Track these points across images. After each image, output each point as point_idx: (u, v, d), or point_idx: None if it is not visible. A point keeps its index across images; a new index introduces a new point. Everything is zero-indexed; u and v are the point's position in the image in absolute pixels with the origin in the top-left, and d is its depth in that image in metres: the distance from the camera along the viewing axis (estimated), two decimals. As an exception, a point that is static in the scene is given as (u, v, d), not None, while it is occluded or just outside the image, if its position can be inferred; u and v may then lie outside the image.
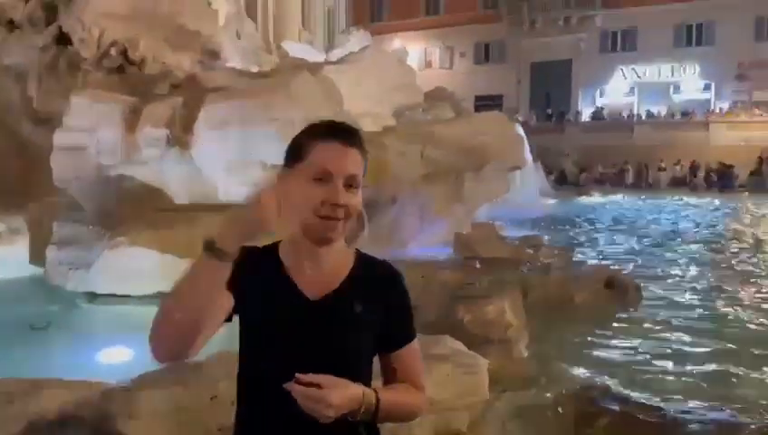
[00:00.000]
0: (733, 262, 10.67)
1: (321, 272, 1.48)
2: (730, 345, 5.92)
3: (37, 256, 7.87)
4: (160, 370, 3.72)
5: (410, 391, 1.54)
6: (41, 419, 3.42)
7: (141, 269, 7.43)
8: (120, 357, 5.59)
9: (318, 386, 1.29)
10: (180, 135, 7.70)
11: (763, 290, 8.50)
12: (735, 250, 11.94)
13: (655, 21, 31.89)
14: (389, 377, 1.55)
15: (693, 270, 9.84)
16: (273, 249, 1.51)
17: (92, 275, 7.29)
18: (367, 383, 1.44)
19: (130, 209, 7.81)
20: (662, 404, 3.78)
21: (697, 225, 16.05)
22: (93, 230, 7.66)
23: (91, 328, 6.74)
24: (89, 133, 7.86)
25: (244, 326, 1.47)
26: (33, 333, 6.26)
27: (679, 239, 13.33)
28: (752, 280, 9.12)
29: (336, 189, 1.37)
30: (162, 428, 3.46)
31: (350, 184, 1.39)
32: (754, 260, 10.89)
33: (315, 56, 16.27)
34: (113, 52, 8.96)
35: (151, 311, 4.90)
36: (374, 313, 1.48)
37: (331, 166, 1.38)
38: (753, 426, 3.19)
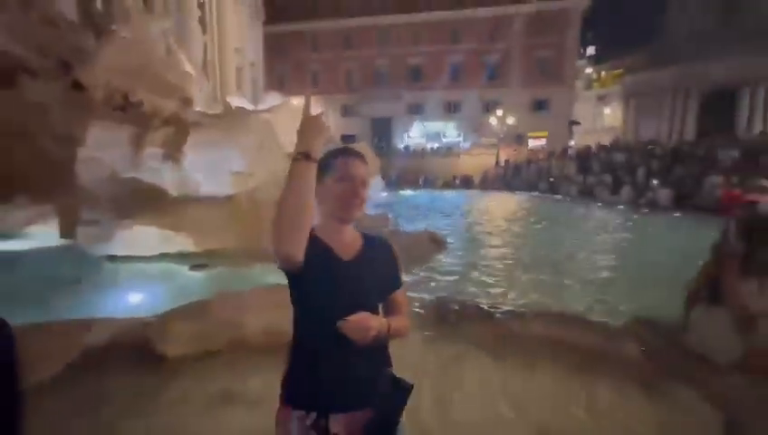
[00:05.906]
0: (479, 222, 16.22)
1: (345, 242, 1.88)
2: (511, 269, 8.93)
3: (66, 232, 8.62)
4: (181, 306, 4.29)
5: (403, 318, 1.90)
6: (93, 347, 3.66)
7: (145, 239, 8.45)
8: (137, 300, 6.33)
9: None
10: (173, 153, 8.76)
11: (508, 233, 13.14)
12: (481, 219, 17.48)
13: (434, 98, 47.81)
14: (389, 310, 1.91)
15: (464, 230, 14.43)
16: (311, 231, 1.77)
17: (112, 244, 8.41)
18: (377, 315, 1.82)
19: (136, 200, 8.63)
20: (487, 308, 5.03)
21: (458, 207, 22.13)
22: (109, 215, 8.54)
23: (115, 281, 7.42)
24: (104, 150, 8.63)
25: (303, 278, 1.77)
26: (71, 286, 6.68)
27: (451, 214, 18.90)
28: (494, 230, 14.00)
29: (356, 186, 1.77)
30: (188, 347, 3.81)
31: (363, 183, 1.78)
32: (488, 221, 16.57)
33: (248, 106, 17.91)
34: (117, 96, 9.77)
35: (154, 267, 8.38)
36: (382, 268, 1.89)
37: (353, 171, 1.77)
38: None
